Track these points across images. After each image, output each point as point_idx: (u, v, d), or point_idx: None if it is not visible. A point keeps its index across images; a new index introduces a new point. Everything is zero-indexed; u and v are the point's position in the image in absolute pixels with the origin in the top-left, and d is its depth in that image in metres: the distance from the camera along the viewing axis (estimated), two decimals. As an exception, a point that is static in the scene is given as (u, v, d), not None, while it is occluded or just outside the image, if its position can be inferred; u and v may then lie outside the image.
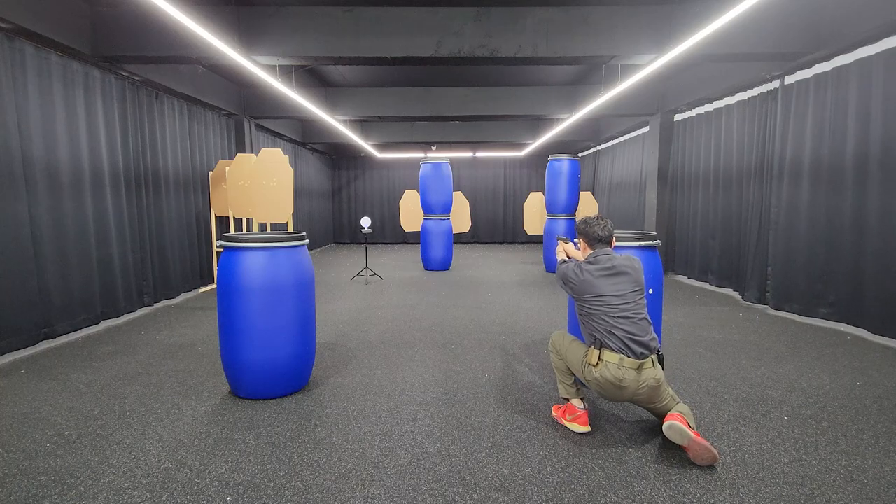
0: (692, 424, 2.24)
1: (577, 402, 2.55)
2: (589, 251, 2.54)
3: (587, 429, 2.50)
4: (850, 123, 4.30)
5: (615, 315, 2.33)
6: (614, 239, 2.55)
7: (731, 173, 6.12)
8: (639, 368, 2.28)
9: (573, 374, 2.57)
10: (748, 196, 5.75)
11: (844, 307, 4.42)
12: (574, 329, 3.12)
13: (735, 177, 6.04)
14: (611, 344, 2.32)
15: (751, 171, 5.71)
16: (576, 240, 2.66)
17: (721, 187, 6.32)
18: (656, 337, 2.38)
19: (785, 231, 5.06)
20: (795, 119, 4.96)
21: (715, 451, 2.14)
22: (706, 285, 6.70)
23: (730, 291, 6.21)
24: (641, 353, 2.29)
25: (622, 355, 2.29)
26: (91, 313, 4.56)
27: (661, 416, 2.40)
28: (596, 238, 2.50)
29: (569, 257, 2.71)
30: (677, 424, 2.19)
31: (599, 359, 2.34)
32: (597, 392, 2.44)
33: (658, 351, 2.36)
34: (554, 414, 2.68)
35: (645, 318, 2.37)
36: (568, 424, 2.55)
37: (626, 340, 2.29)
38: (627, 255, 2.50)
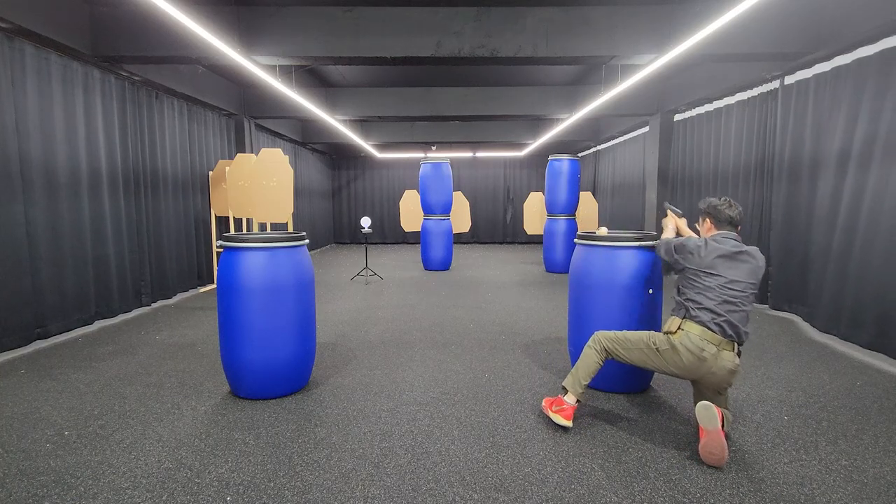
0: (725, 427, 2.24)
1: (570, 399, 2.53)
2: (714, 232, 2.48)
3: (569, 423, 2.49)
4: (851, 123, 4.30)
5: (720, 294, 2.29)
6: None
7: (731, 173, 6.12)
8: (720, 346, 2.26)
9: (592, 376, 2.51)
10: (748, 196, 5.75)
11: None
12: (574, 329, 3.12)
13: (735, 177, 6.03)
14: (699, 315, 2.28)
15: (751, 170, 5.71)
16: (696, 223, 2.61)
17: (721, 187, 6.32)
18: (749, 332, 2.34)
19: (785, 231, 5.05)
20: (795, 119, 4.96)
21: (727, 454, 2.14)
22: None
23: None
24: (730, 336, 2.27)
25: (705, 328, 2.26)
26: (85, 313, 4.56)
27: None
28: (725, 220, 2.44)
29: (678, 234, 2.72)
30: (713, 408, 2.19)
31: (680, 328, 2.31)
32: (668, 367, 2.35)
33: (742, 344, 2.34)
34: (543, 405, 2.66)
35: (747, 312, 2.32)
36: (552, 416, 2.53)
37: (718, 317, 2.26)
38: (756, 249, 2.43)
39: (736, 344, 2.30)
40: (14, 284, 3.82)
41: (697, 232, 2.71)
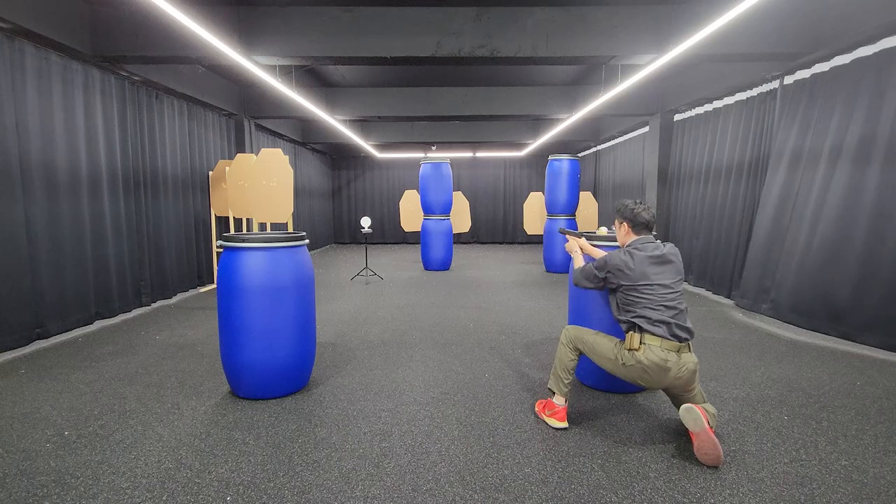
0: (712, 424, 2.24)
1: (559, 400, 2.55)
2: (632, 237, 2.49)
3: (564, 424, 2.52)
4: (850, 123, 4.30)
5: (661, 303, 2.31)
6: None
7: (731, 173, 6.11)
8: (679, 351, 2.28)
9: (572, 373, 2.55)
10: (748, 195, 5.74)
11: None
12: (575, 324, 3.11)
13: (731, 176, 6.03)
14: (654, 330, 2.29)
15: (751, 170, 5.70)
16: (612, 226, 2.63)
17: (717, 187, 6.31)
18: (692, 327, 2.38)
19: (776, 229, 5.05)
20: (795, 119, 4.96)
21: (721, 451, 2.14)
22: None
23: (728, 292, 6.20)
24: (684, 338, 2.30)
25: (663, 338, 2.28)
26: (85, 313, 4.56)
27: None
28: (642, 223, 2.45)
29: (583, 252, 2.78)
30: (696, 410, 2.21)
31: (641, 342, 2.32)
32: (636, 379, 2.37)
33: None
34: (536, 409, 2.70)
35: (685, 307, 2.36)
36: (547, 419, 2.57)
37: (670, 326, 2.29)
38: (670, 243, 2.47)
39: (690, 343, 2.34)
40: (14, 284, 3.82)
41: (609, 238, 2.73)
